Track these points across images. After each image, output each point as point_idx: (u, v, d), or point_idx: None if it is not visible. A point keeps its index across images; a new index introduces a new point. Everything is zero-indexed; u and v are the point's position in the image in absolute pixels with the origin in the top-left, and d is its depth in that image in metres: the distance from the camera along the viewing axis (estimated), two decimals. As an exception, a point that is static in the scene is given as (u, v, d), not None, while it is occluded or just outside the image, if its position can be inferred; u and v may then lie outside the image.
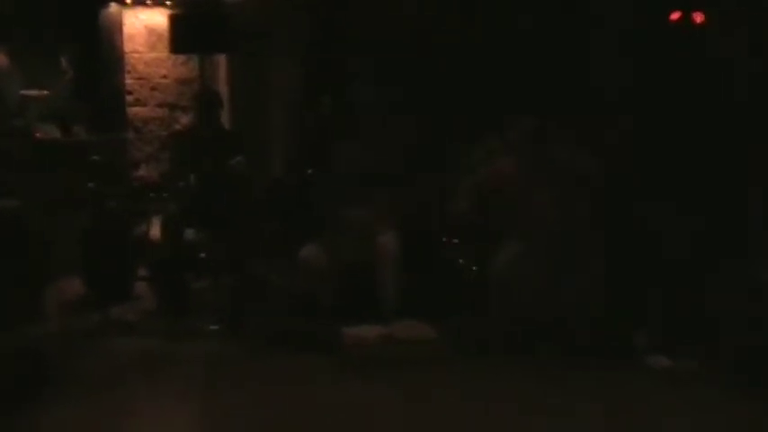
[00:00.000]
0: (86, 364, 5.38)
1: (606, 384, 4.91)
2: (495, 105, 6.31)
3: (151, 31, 8.26)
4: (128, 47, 8.29)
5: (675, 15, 6.09)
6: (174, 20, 6.89)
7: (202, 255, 6.59)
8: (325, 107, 6.71)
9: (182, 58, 8.19)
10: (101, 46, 8.30)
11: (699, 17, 6.04)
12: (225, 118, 7.35)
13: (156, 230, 6.68)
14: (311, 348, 5.47)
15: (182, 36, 6.80)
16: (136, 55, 8.31)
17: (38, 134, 7.57)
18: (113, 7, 8.23)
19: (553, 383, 4.93)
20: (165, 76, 8.36)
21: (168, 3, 8.09)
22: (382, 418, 4.56)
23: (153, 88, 8.35)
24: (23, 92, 8.10)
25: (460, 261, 6.03)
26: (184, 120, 8.22)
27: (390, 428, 4.46)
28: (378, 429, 4.44)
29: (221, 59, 8.01)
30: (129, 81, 8.33)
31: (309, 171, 6.12)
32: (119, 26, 8.24)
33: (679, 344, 5.18)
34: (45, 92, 8.22)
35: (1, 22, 7.88)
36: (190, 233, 6.57)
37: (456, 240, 6.13)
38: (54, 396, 4.73)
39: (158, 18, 8.08)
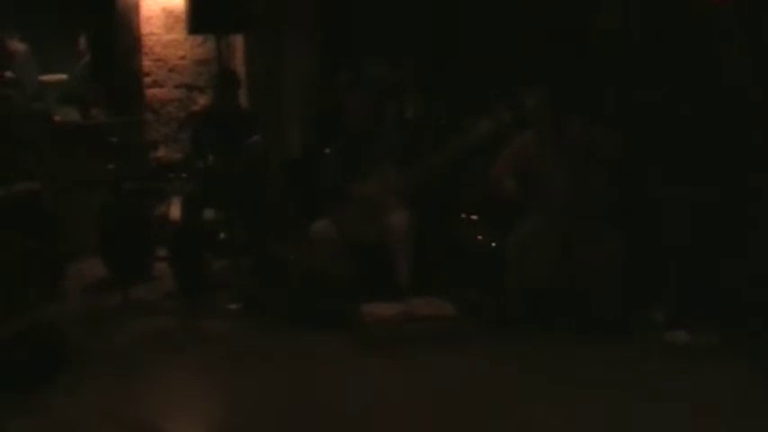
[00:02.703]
0: (106, 343, 5.42)
1: (625, 359, 4.90)
2: (506, 78, 6.28)
3: (168, 13, 8.25)
4: (145, 29, 8.29)
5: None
6: (190, 0, 6.87)
7: (221, 235, 6.60)
8: (342, 85, 6.68)
9: (199, 38, 8.17)
10: (118, 28, 8.31)
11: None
12: (242, 98, 7.35)
13: (174, 211, 6.70)
14: (330, 326, 5.47)
15: (199, 17, 6.77)
16: (153, 37, 8.31)
17: (57, 117, 7.60)
18: (130, -10, 8.25)
19: (572, 359, 4.92)
20: (182, 58, 8.36)
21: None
22: (403, 395, 4.58)
23: (170, 69, 8.36)
24: (42, 77, 8.15)
25: (479, 237, 6.02)
26: (202, 100, 8.22)
27: (412, 404, 4.46)
28: (400, 405, 4.45)
29: (238, 39, 7.99)
30: (146, 63, 8.33)
31: (326, 150, 6.09)
32: (135, 8, 8.23)
33: (698, 319, 5.15)
34: (63, 76, 8.26)
35: (17, 8, 7.92)
36: (208, 213, 6.59)
37: (474, 217, 6.13)
38: (74, 376, 4.77)
39: (175, -1, 8.09)
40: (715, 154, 5.51)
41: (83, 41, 8.30)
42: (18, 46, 8.24)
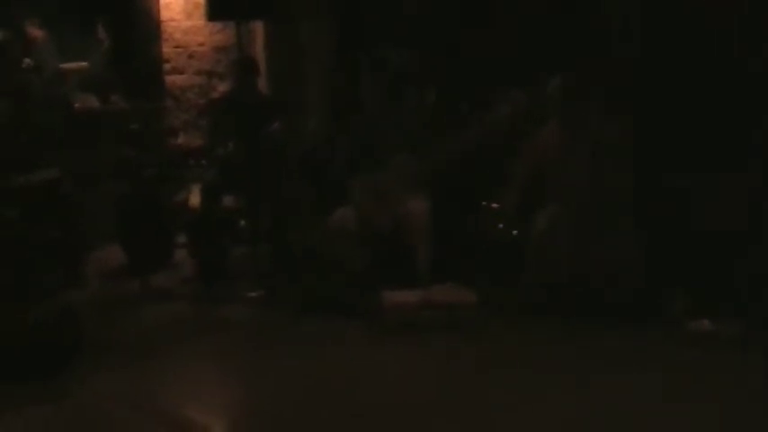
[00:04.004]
0: (125, 331, 5.43)
1: (646, 348, 4.84)
2: (523, 65, 6.22)
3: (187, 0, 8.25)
4: (164, 15, 8.29)
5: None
6: (210, -13, 6.84)
7: (241, 222, 6.59)
8: (359, 71, 6.65)
9: (218, 25, 8.16)
10: (137, 15, 8.31)
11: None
12: (262, 85, 7.33)
13: (194, 198, 6.70)
14: (350, 314, 5.45)
15: (218, 3, 6.75)
16: (173, 23, 8.31)
17: (76, 104, 7.61)
18: (149, -24, 8.25)
19: (593, 348, 4.87)
20: (201, 44, 8.36)
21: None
22: (417, 382, 4.55)
23: (190, 56, 8.35)
24: (63, 65, 8.16)
25: (500, 226, 5.97)
26: (222, 87, 8.21)
27: (426, 392, 4.43)
28: (414, 393, 4.42)
29: (258, 26, 7.97)
30: (166, 49, 8.33)
31: (338, 137, 6.06)
32: (155, -5, 8.24)
33: (721, 308, 5.09)
34: (83, 63, 8.27)
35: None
36: (228, 200, 6.58)
37: (495, 205, 6.08)
38: (92, 363, 4.77)
39: (194, -14, 8.06)
40: (736, 141, 5.43)
41: (102, 28, 8.30)
42: (38, 32, 8.26)
